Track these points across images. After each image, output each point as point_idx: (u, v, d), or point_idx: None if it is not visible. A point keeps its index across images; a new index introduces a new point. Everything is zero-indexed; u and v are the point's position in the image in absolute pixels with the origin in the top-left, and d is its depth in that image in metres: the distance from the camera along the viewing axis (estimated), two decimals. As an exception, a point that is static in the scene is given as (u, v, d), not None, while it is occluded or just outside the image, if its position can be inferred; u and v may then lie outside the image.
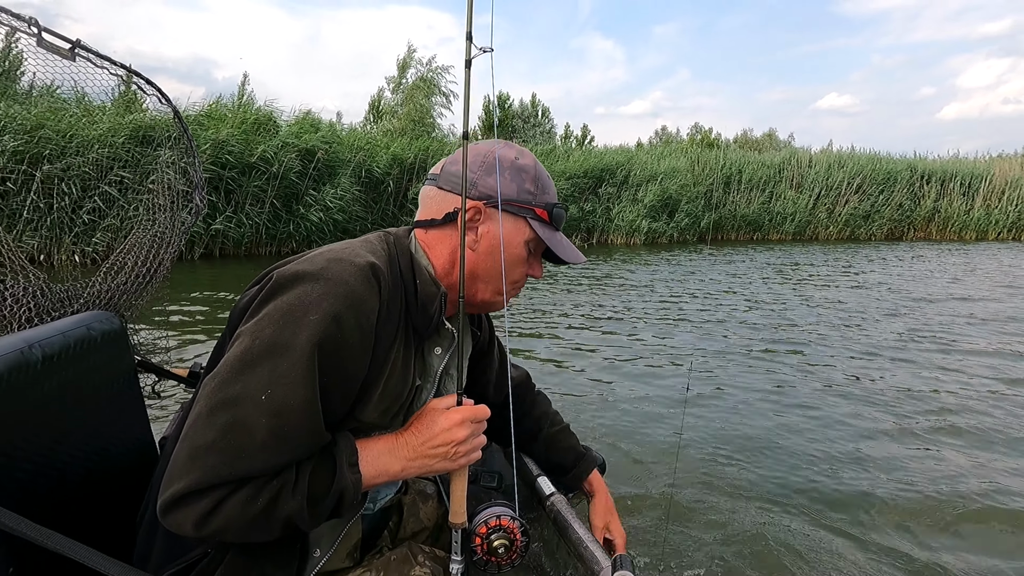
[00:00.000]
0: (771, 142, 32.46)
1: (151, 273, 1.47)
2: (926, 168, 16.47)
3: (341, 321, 0.69)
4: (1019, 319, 5.03)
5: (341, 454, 0.71)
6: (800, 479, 2.16)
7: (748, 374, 3.45)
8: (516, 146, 0.87)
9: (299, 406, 0.66)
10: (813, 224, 15.35)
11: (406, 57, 17.17)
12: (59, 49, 1.21)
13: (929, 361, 3.73)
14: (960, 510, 1.95)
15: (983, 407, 2.92)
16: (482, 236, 0.82)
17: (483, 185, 0.82)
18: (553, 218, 0.85)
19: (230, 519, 0.64)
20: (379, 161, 10.65)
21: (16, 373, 0.74)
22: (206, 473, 0.62)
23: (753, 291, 6.65)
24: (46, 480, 0.78)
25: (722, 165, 15.27)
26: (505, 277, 0.84)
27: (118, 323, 1.01)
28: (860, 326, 4.77)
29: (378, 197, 10.79)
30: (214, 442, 0.63)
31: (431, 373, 0.87)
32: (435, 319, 0.81)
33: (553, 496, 1.08)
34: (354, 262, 0.73)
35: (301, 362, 0.66)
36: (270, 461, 0.65)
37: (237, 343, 0.69)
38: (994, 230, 16.01)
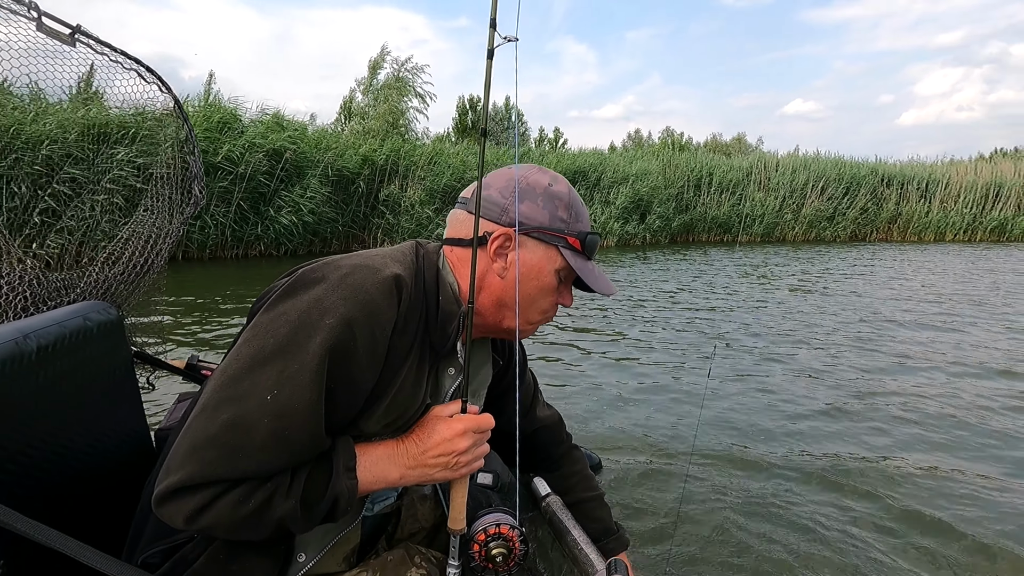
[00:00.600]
0: (740, 146, 33.17)
1: (149, 264, 1.46)
2: (887, 172, 17.03)
3: (355, 329, 0.68)
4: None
5: (338, 458, 0.70)
6: (811, 484, 2.09)
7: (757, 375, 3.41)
8: (550, 172, 0.85)
9: (303, 410, 0.65)
10: (780, 226, 15.70)
11: (378, 58, 16.95)
12: (59, 34, 1.18)
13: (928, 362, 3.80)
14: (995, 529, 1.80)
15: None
16: (511, 264, 0.80)
17: (514, 211, 0.79)
18: (586, 247, 0.82)
19: (221, 517, 0.63)
20: (349, 162, 10.48)
21: (10, 364, 0.72)
22: (202, 469, 0.62)
23: (750, 291, 6.73)
24: (41, 471, 0.77)
25: (693, 168, 15.51)
26: (533, 306, 0.82)
27: (115, 314, 0.99)
28: (869, 329, 4.86)
29: (349, 198, 10.61)
30: (215, 437, 0.63)
31: (442, 393, 0.85)
32: (452, 339, 0.79)
33: (549, 497, 1.06)
34: (379, 271, 0.72)
35: (310, 366, 0.65)
36: (267, 463, 0.65)
37: (251, 337, 0.68)
38: (951, 231, 16.62)
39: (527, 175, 0.82)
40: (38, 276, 1.27)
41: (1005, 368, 3.54)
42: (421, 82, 16.77)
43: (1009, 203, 16.84)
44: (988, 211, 16.75)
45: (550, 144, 28.60)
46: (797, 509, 1.91)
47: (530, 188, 0.81)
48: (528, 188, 0.81)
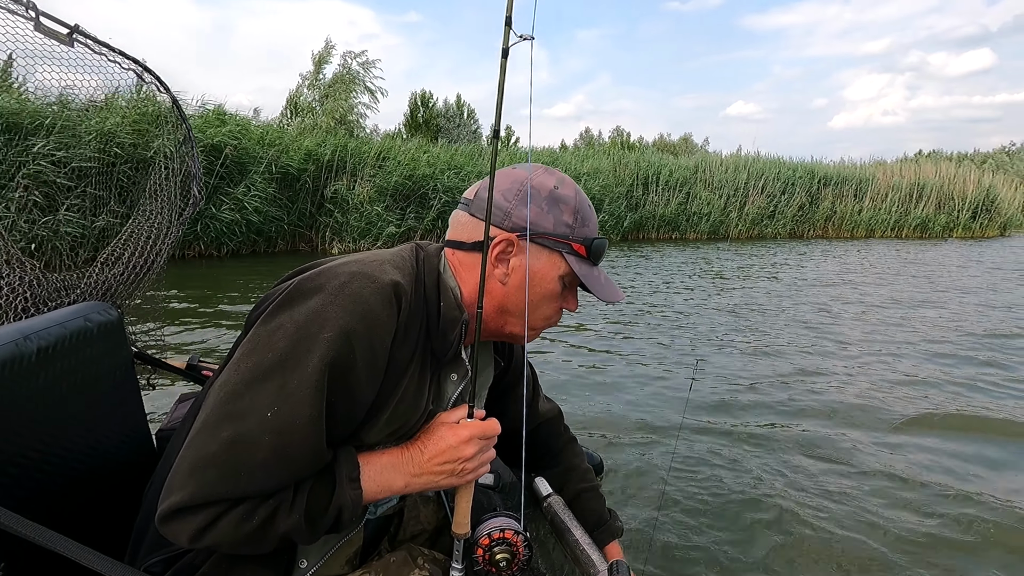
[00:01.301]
0: (687, 146, 34.18)
1: (149, 264, 1.46)
2: (822, 172, 17.93)
3: (354, 341, 0.67)
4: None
5: (341, 469, 0.70)
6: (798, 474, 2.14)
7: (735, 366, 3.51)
8: (556, 173, 0.82)
9: (304, 426, 0.65)
10: (726, 224, 16.27)
11: (323, 52, 16.41)
12: (57, 34, 1.17)
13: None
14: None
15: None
16: (513, 270, 0.78)
17: (517, 216, 0.77)
18: (592, 253, 0.80)
19: (225, 535, 0.63)
20: (293, 158, 10.10)
21: (11, 365, 0.72)
22: (203, 488, 0.62)
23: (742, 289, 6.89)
24: (41, 473, 0.77)
25: (642, 167, 15.84)
26: (536, 312, 0.81)
27: (115, 314, 0.99)
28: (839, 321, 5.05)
29: (295, 196, 10.24)
30: (215, 456, 0.62)
31: (444, 399, 0.84)
32: (454, 346, 0.78)
33: (550, 497, 1.06)
34: (378, 279, 0.70)
35: (310, 381, 0.64)
36: (269, 480, 0.65)
37: (249, 350, 0.67)
38: (880, 228, 17.69)
39: (532, 178, 0.79)
40: (38, 277, 1.26)
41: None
42: (372, 77, 16.39)
43: (930, 202, 18.07)
44: (912, 210, 17.92)
45: (502, 142, 28.57)
46: (796, 505, 1.93)
47: (535, 191, 0.78)
48: (533, 192, 0.78)
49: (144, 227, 1.53)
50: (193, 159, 1.67)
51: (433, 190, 11.30)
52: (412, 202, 11.22)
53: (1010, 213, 18.80)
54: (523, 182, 0.78)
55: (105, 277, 1.33)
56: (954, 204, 18.15)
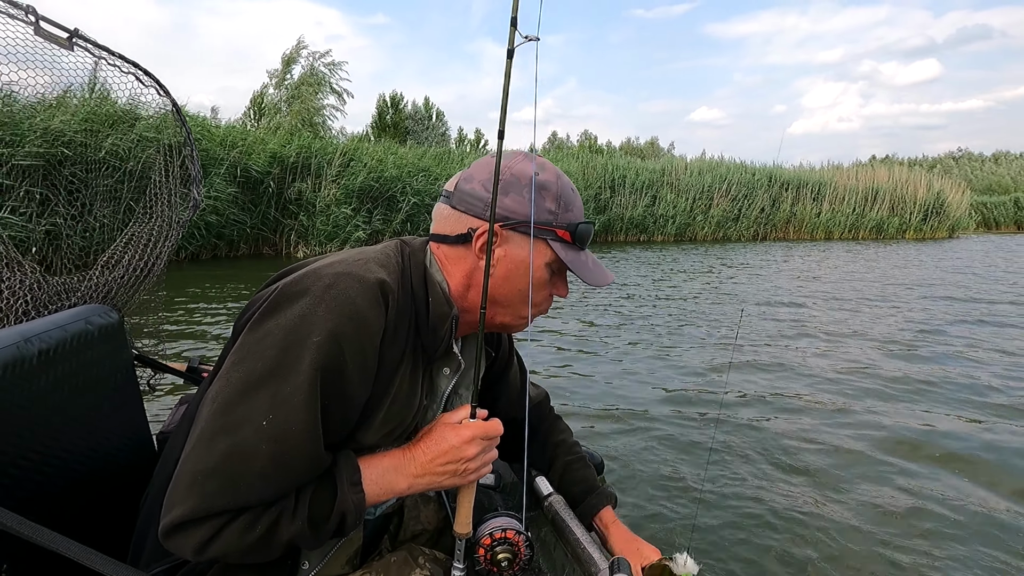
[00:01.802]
0: (653, 150, 34.80)
1: (148, 267, 1.46)
2: (783, 176, 18.49)
3: (343, 344, 0.66)
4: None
5: (342, 474, 0.69)
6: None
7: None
8: (538, 158, 0.80)
9: (300, 432, 0.64)
10: (692, 226, 16.59)
11: (293, 51, 16.08)
12: (57, 38, 1.17)
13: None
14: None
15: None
16: (499, 260, 0.78)
17: (499, 206, 0.76)
18: (577, 238, 0.79)
19: (229, 546, 0.63)
20: (257, 160, 9.85)
21: (13, 367, 0.73)
22: (204, 500, 0.61)
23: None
24: (43, 475, 0.77)
25: (609, 170, 16.03)
26: (526, 301, 0.80)
27: (116, 317, 1.00)
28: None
29: (257, 199, 9.98)
30: (214, 468, 0.62)
31: (438, 394, 0.84)
32: (445, 341, 0.78)
33: (551, 496, 1.06)
34: (363, 278, 0.70)
35: (303, 387, 0.64)
36: (269, 489, 0.64)
37: (239, 359, 0.66)
38: (838, 230, 18.33)
39: (511, 165, 0.78)
40: (38, 280, 1.27)
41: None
42: (338, 79, 16.13)
43: (884, 205, 18.82)
44: (867, 212, 18.63)
45: (471, 145, 28.50)
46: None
47: (515, 179, 0.77)
48: (513, 179, 0.77)
49: (144, 230, 1.53)
50: (193, 162, 1.66)
51: (401, 192, 11.18)
52: (380, 204, 11.07)
53: (957, 215, 19.74)
54: (503, 170, 0.77)
55: (105, 280, 1.34)
56: (906, 207, 18.96)
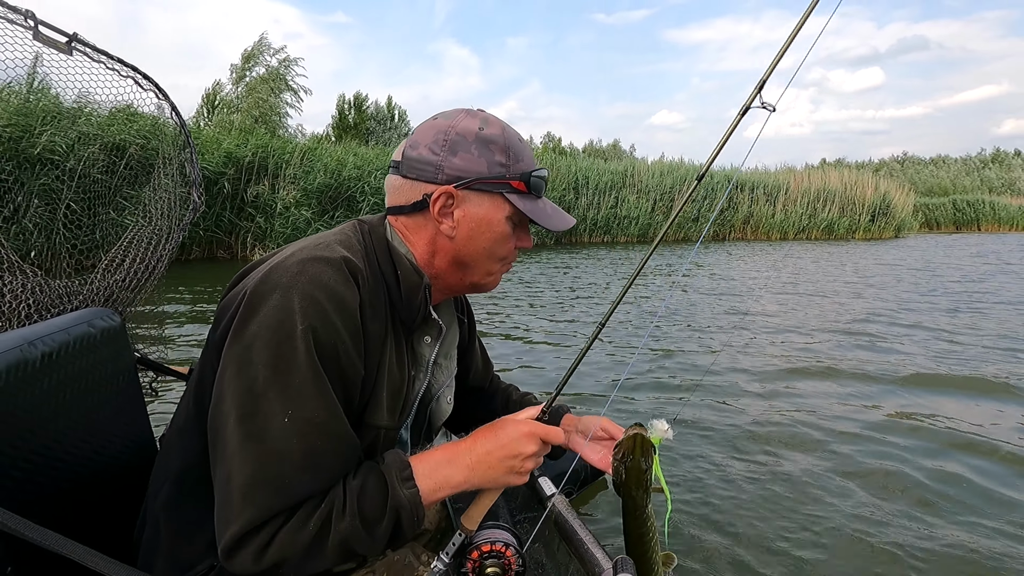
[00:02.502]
0: (616, 152, 35.29)
1: (150, 270, 1.48)
2: (740, 178, 19.00)
3: (329, 325, 0.66)
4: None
5: (390, 469, 0.70)
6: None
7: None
8: (480, 113, 0.80)
9: (323, 418, 0.65)
10: (654, 227, 16.87)
11: (254, 47, 15.54)
12: (56, 43, 1.18)
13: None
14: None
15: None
16: (459, 221, 0.77)
17: (449, 167, 0.75)
18: (531, 187, 0.79)
19: (284, 549, 0.63)
20: (210, 160, 9.46)
21: (16, 371, 0.74)
22: (256, 509, 0.62)
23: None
24: (46, 478, 0.78)
25: (573, 171, 16.14)
26: (492, 256, 0.80)
27: (118, 320, 1.01)
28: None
29: (211, 200, 9.57)
30: (254, 477, 0.62)
31: (423, 363, 0.84)
32: (422, 311, 0.78)
33: (554, 496, 1.06)
34: (329, 259, 0.69)
35: (308, 376, 0.64)
36: (313, 481, 0.65)
37: (234, 374, 0.65)
38: (792, 231, 18.96)
39: (455, 124, 0.77)
40: (40, 284, 1.27)
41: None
42: (294, 75, 15.69)
43: (834, 206, 19.58)
44: (819, 213, 19.35)
45: (435, 146, 28.10)
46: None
47: (461, 138, 0.76)
48: (459, 138, 0.76)
49: (145, 233, 1.53)
50: (192, 165, 1.66)
51: (361, 192, 10.94)
52: (340, 205, 10.81)
53: (903, 216, 20.72)
54: (447, 131, 0.76)
55: (107, 283, 1.36)
56: (855, 208, 19.78)
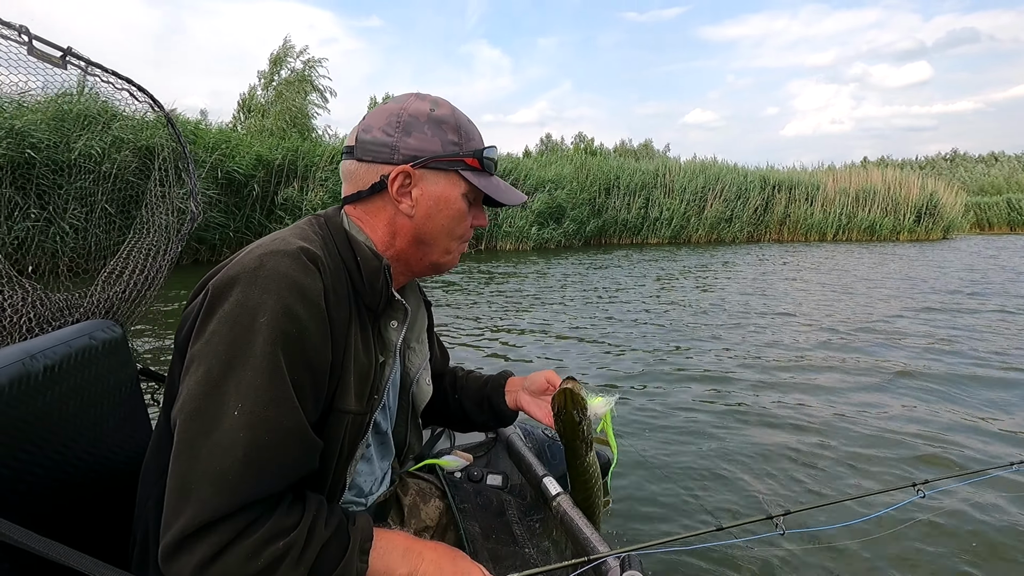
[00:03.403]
0: (647, 151, 34.71)
1: (149, 281, 1.51)
2: (775, 178, 18.40)
3: (292, 314, 0.66)
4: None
5: (357, 535, 0.69)
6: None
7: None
8: (430, 96, 0.82)
9: (273, 414, 0.63)
10: (686, 228, 16.45)
11: (280, 51, 15.78)
12: (50, 57, 1.21)
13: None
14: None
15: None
16: (417, 200, 0.79)
17: (405, 148, 0.78)
18: (484, 164, 0.82)
19: (229, 570, 0.60)
20: (241, 162, 9.58)
21: (18, 384, 0.74)
22: (202, 507, 0.59)
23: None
24: (50, 491, 0.78)
25: (605, 172, 15.86)
26: (450, 235, 0.82)
27: (120, 332, 1.02)
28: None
29: (241, 202, 9.71)
30: (201, 473, 0.60)
31: (391, 348, 0.83)
32: (384, 293, 0.79)
33: (559, 496, 1.06)
34: (286, 251, 0.69)
35: (263, 367, 0.63)
36: (259, 483, 0.62)
37: (194, 368, 0.64)
38: (831, 231, 18.25)
39: (406, 106, 0.79)
40: (41, 298, 1.30)
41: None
42: (318, 76, 15.84)
43: (876, 206, 18.76)
44: (860, 213, 18.57)
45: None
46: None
47: (414, 119, 0.78)
48: (412, 119, 0.78)
49: (143, 244, 1.55)
50: (189, 175, 1.70)
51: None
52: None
53: (952, 217, 19.71)
54: (399, 113, 0.78)
55: (107, 295, 1.39)
56: (899, 208, 18.91)
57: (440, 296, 6.54)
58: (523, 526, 1.11)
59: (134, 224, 1.54)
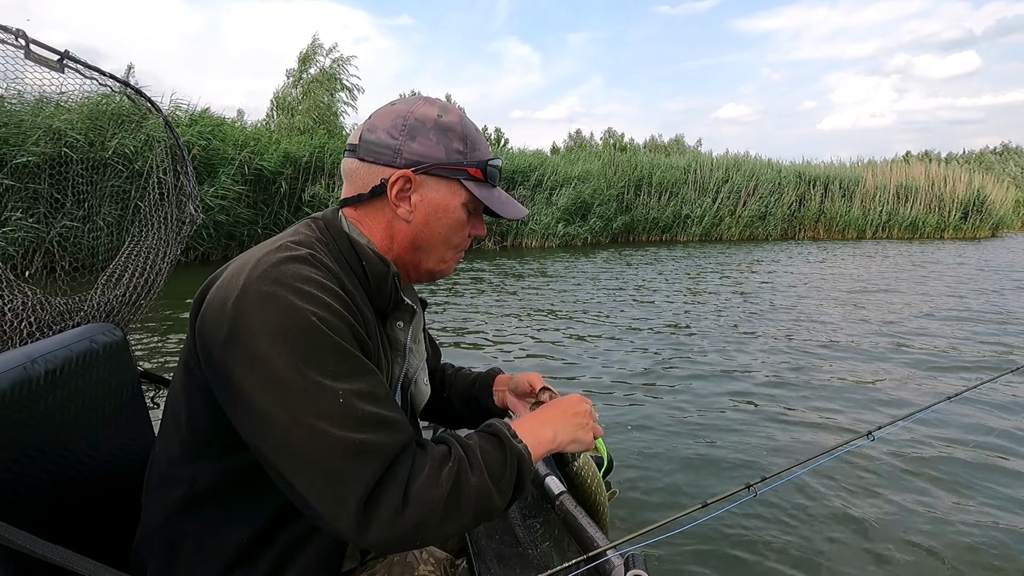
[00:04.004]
0: (679, 147, 34.03)
1: (149, 284, 1.49)
2: (811, 173, 17.75)
3: (331, 309, 0.65)
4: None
5: (501, 429, 0.73)
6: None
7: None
8: (439, 101, 0.81)
9: (368, 386, 0.65)
10: (718, 226, 16.01)
11: (309, 49, 15.91)
12: (47, 61, 1.22)
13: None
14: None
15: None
16: (416, 205, 0.78)
17: (408, 152, 0.77)
18: (488, 175, 0.81)
19: (422, 507, 0.62)
20: (269, 159, 9.67)
21: (19, 388, 0.74)
22: (361, 476, 0.61)
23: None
24: (51, 494, 0.78)
25: (634, 168, 15.54)
26: (447, 243, 0.82)
27: (120, 335, 1.02)
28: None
29: (269, 199, 9.81)
30: (343, 457, 0.61)
31: (399, 348, 0.85)
32: (393, 296, 0.80)
33: (562, 495, 1.07)
34: (296, 256, 0.68)
35: (337, 352, 0.64)
36: (395, 432, 0.65)
37: (266, 395, 0.62)
38: (870, 229, 17.54)
39: (414, 110, 0.78)
40: (41, 301, 1.29)
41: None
42: (347, 75, 15.91)
43: (919, 203, 17.95)
44: (901, 210, 17.79)
45: (491, 144, 28.14)
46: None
47: (420, 123, 0.77)
48: (418, 124, 0.77)
49: (142, 247, 1.55)
50: (188, 177, 1.67)
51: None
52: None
53: (1002, 213, 18.72)
54: (406, 116, 0.77)
55: (107, 299, 1.36)
56: (944, 204, 18.05)
57: (465, 291, 6.45)
58: (525, 527, 1.12)
59: (132, 229, 1.64)
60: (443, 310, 5.62)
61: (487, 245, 12.82)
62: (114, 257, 4.15)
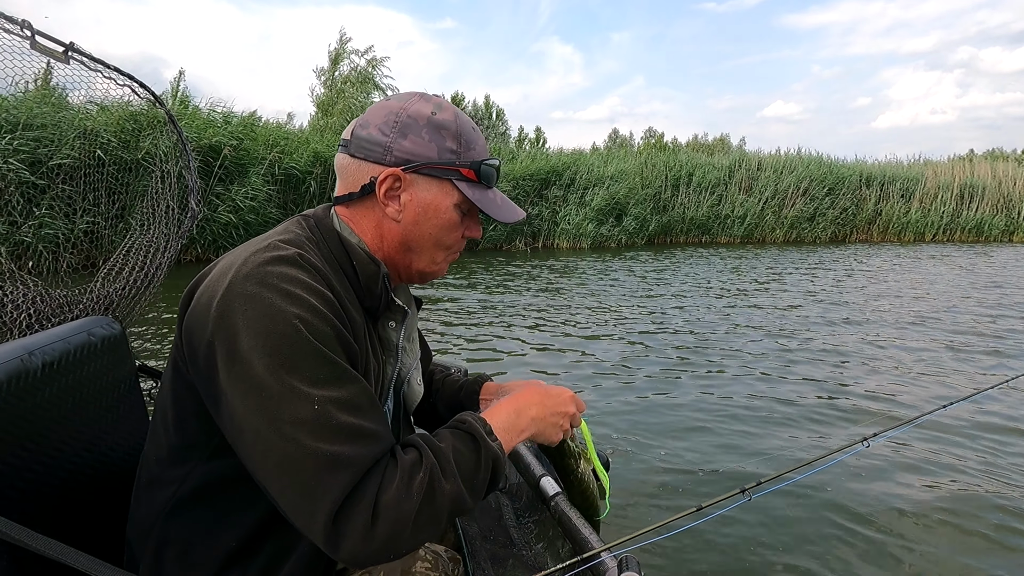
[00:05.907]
0: (723, 146, 32.97)
1: (148, 278, 1.46)
2: (868, 172, 16.70)
3: (316, 312, 0.64)
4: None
5: (476, 427, 0.71)
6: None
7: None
8: (434, 98, 0.79)
9: (347, 395, 0.63)
10: (761, 227, 15.25)
11: (338, 48, 16.02)
12: (53, 52, 1.22)
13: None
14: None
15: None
16: (406, 205, 0.76)
17: (399, 149, 0.74)
18: (482, 176, 0.78)
19: (394, 521, 0.61)
20: (298, 159, 9.70)
21: (16, 380, 0.75)
22: (335, 488, 0.59)
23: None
24: (48, 487, 0.78)
25: (672, 167, 14.97)
26: (439, 244, 0.80)
27: (119, 328, 1.03)
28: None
29: (299, 199, 9.85)
30: (312, 467, 0.59)
31: (391, 347, 0.84)
32: (384, 297, 0.78)
33: (557, 496, 1.04)
34: (283, 257, 0.67)
35: (315, 358, 0.62)
36: (369, 444, 0.63)
37: (243, 397, 0.61)
38: (930, 232, 16.38)
39: (407, 106, 0.76)
40: (41, 294, 1.29)
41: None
42: (381, 75, 15.94)
43: (986, 203, 16.65)
44: (965, 211, 16.54)
45: (530, 144, 27.92)
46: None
47: (412, 121, 0.75)
48: (410, 121, 0.75)
49: (143, 241, 1.54)
50: (190, 172, 1.65)
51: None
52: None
53: (1081, 215, 17.17)
54: (398, 113, 0.75)
55: (107, 292, 1.35)
56: (1013, 205, 16.68)
57: (491, 286, 6.22)
58: (519, 528, 1.13)
59: (130, 213, 1.58)
60: (468, 313, 5.41)
61: (518, 246, 12.57)
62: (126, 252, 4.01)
